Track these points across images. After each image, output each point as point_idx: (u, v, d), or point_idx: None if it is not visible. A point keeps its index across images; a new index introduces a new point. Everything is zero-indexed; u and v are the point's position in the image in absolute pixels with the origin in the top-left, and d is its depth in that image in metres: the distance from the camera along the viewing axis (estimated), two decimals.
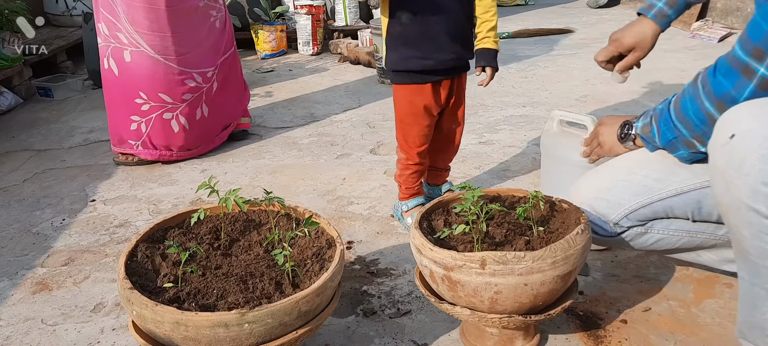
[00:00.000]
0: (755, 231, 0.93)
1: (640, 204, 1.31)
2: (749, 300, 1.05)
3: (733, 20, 4.58)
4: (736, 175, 0.92)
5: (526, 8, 6.49)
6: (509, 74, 3.78)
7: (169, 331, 1.07)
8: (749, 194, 0.91)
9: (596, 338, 1.38)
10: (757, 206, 0.91)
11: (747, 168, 0.91)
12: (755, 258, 0.98)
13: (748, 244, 0.97)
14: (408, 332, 1.44)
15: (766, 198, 0.89)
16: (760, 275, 0.99)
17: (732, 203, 0.96)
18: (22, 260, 1.86)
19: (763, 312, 1.03)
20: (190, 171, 2.52)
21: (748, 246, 0.98)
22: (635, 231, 1.35)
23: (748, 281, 1.04)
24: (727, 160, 0.95)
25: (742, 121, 0.93)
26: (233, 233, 1.35)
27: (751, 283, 1.03)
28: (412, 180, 1.91)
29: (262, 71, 4.24)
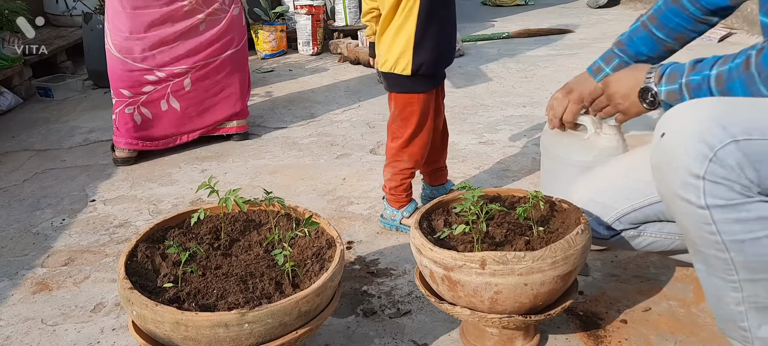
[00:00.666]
0: (693, 221, 0.98)
1: (631, 208, 1.32)
2: (712, 293, 1.07)
3: (733, 20, 4.58)
4: (668, 169, 0.98)
5: (526, 8, 6.49)
6: (509, 74, 3.78)
7: (169, 331, 1.07)
8: (680, 186, 0.97)
9: (596, 338, 1.38)
10: (688, 197, 0.96)
11: (676, 163, 0.97)
12: (702, 248, 1.01)
13: (692, 235, 1.01)
14: (408, 332, 1.44)
15: (695, 189, 0.95)
16: (712, 264, 1.01)
17: (668, 196, 1.01)
18: (22, 260, 1.86)
19: (727, 302, 1.04)
20: (190, 171, 2.52)
21: (693, 237, 1.01)
22: (628, 234, 1.36)
23: (705, 272, 1.06)
24: (659, 157, 1.01)
25: (672, 121, 0.99)
26: (233, 233, 1.35)
27: (708, 274, 1.05)
28: (408, 186, 1.90)
29: (262, 71, 4.24)
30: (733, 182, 0.92)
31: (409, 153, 1.83)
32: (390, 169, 1.87)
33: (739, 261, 0.97)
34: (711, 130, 0.93)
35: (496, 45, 4.71)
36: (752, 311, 1.01)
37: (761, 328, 1.02)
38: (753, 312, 1.01)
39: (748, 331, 1.03)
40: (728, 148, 0.91)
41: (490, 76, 3.75)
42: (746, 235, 0.95)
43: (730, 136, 0.92)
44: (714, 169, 0.93)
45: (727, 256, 0.98)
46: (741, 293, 1.00)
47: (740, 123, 0.93)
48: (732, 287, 1.01)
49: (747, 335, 1.04)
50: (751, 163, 0.91)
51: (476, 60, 4.24)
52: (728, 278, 1.00)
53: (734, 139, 0.92)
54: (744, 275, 0.98)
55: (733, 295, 1.02)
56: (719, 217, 0.95)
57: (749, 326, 1.03)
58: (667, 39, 1.49)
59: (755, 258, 0.96)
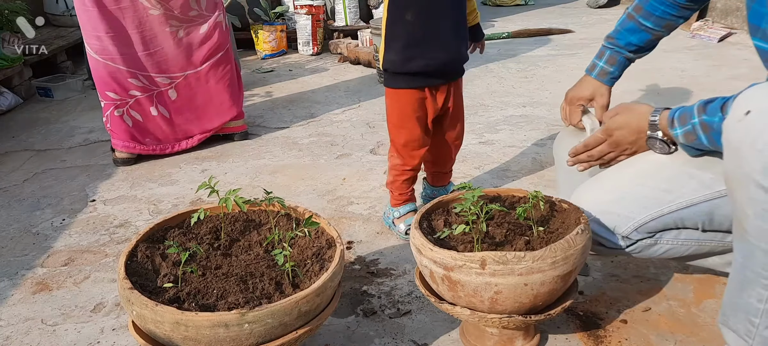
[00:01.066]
0: (759, 209, 0.93)
1: (650, 217, 1.29)
2: (738, 282, 1.05)
3: (733, 20, 4.58)
4: (750, 150, 0.92)
5: (526, 8, 6.49)
6: (509, 74, 3.78)
7: (169, 331, 1.07)
8: (760, 170, 0.91)
9: (596, 338, 1.38)
10: (764, 183, 0.91)
11: (761, 145, 0.91)
12: (753, 239, 0.98)
13: (749, 223, 0.97)
14: (408, 332, 1.44)
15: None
16: (755, 256, 0.99)
17: (741, 178, 0.96)
18: (22, 260, 1.86)
19: (750, 295, 1.03)
20: (190, 171, 2.52)
21: (748, 225, 0.98)
22: (644, 243, 1.33)
23: (741, 262, 1.04)
24: (741, 136, 0.95)
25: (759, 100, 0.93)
26: (233, 233, 1.35)
27: (743, 265, 1.03)
28: (406, 186, 1.88)
29: (262, 71, 4.24)
30: None
31: (395, 148, 1.83)
32: (388, 164, 1.90)
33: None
34: None
35: (496, 45, 4.71)
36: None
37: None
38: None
39: (755, 326, 1.03)
40: None
41: (490, 76, 3.75)
42: None
43: None
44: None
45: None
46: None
47: None
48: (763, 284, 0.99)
49: (752, 330, 1.04)
50: None
51: (476, 60, 4.23)
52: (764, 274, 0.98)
53: None
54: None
55: (761, 291, 1.00)
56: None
57: (759, 323, 1.02)
58: (655, 27, 1.49)
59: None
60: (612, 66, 1.54)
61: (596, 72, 1.55)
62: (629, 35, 1.52)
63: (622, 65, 1.55)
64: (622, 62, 1.55)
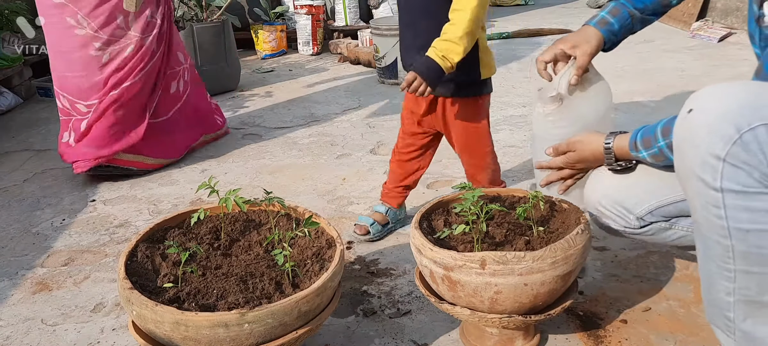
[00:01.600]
0: (703, 202, 0.97)
1: (668, 201, 1.28)
2: (706, 278, 1.06)
3: (733, 20, 4.58)
4: (689, 146, 0.97)
5: (526, 8, 6.49)
6: (509, 74, 3.78)
7: (169, 331, 1.07)
8: (699, 165, 0.95)
9: (596, 338, 1.38)
10: (705, 177, 0.95)
11: (698, 140, 0.95)
12: (705, 230, 1.00)
13: (699, 215, 1.00)
14: (408, 332, 1.44)
15: (712, 169, 0.93)
16: (711, 248, 1.01)
17: (685, 173, 1.00)
18: (22, 260, 1.86)
19: (718, 289, 1.03)
20: (190, 171, 2.52)
21: (699, 218, 1.01)
22: (658, 226, 1.32)
23: (702, 255, 1.05)
24: (683, 133, 0.99)
25: (702, 99, 0.98)
26: (233, 233, 1.35)
27: (705, 257, 1.04)
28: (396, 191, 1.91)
29: (262, 71, 4.25)
30: (754, 168, 0.90)
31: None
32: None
33: (740, 250, 0.96)
34: (741, 111, 0.90)
35: (496, 45, 4.71)
36: (741, 303, 1.01)
37: (746, 321, 1.02)
38: (741, 304, 1.01)
39: (732, 321, 1.03)
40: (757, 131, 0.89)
41: None
42: (753, 225, 0.93)
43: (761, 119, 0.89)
44: (736, 152, 0.90)
45: (728, 243, 0.97)
46: (733, 284, 1.00)
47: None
48: (726, 276, 1.01)
49: (731, 325, 1.04)
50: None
51: None
52: (724, 266, 1.00)
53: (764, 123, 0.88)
54: (741, 266, 0.98)
55: (725, 284, 1.01)
56: (731, 202, 0.93)
57: (734, 316, 1.03)
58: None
59: (757, 250, 0.95)
60: (613, 17, 1.44)
61: (596, 20, 1.45)
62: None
63: (623, 20, 1.44)
64: (625, 17, 1.44)
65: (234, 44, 3.80)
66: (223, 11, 3.74)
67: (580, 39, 1.42)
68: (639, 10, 1.44)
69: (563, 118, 1.43)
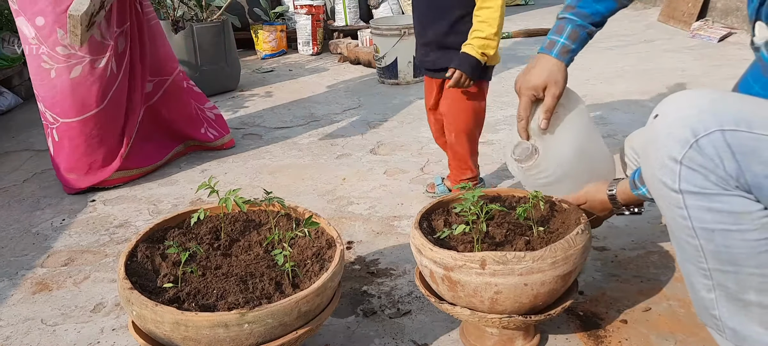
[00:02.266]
0: (667, 203, 0.99)
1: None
2: (687, 278, 1.07)
3: (733, 20, 4.58)
4: (651, 149, 0.99)
5: (526, 8, 6.49)
6: (509, 74, 3.78)
7: (169, 331, 1.07)
8: (659, 168, 0.97)
9: (596, 338, 1.38)
10: (665, 179, 0.97)
11: (658, 144, 0.97)
12: (675, 231, 1.02)
13: (666, 216, 1.02)
14: (408, 332, 1.44)
15: (671, 172, 0.95)
16: (684, 249, 1.02)
17: (648, 177, 1.02)
18: (22, 260, 1.86)
19: (699, 289, 1.04)
20: (190, 171, 2.52)
21: (667, 219, 1.02)
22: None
23: (679, 257, 1.06)
24: (647, 136, 1.02)
25: (667, 105, 1.00)
26: (233, 233, 1.35)
27: (682, 259, 1.05)
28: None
29: (262, 71, 4.25)
30: (710, 171, 0.93)
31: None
32: None
33: (709, 250, 0.98)
34: (700, 116, 0.93)
35: None
36: (723, 299, 1.02)
37: (732, 319, 1.02)
38: (724, 301, 1.02)
39: (719, 319, 1.04)
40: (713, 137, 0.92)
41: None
42: (717, 225, 0.95)
43: (718, 124, 0.92)
44: (692, 155, 0.93)
45: (697, 242, 0.98)
46: (711, 281, 1.01)
47: (733, 113, 0.93)
48: (702, 274, 1.02)
49: (719, 324, 1.04)
50: (733, 154, 0.91)
51: None
52: (699, 265, 1.01)
53: (721, 129, 0.92)
54: (713, 265, 0.99)
55: (704, 282, 1.02)
56: (692, 203, 0.96)
57: (720, 314, 1.03)
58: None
59: (725, 250, 0.96)
60: (574, 42, 1.37)
61: (557, 50, 1.36)
62: (595, 3, 1.36)
63: (582, 42, 1.39)
64: (584, 38, 1.39)
65: (234, 44, 3.80)
66: (223, 11, 3.74)
67: (548, 80, 1.35)
68: (596, 26, 1.39)
69: (544, 168, 1.39)
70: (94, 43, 2.22)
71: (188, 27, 3.52)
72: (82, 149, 2.29)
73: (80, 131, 2.27)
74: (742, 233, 0.94)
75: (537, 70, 1.36)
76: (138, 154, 2.46)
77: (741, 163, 0.92)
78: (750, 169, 0.91)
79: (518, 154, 1.39)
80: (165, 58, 2.57)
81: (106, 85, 2.28)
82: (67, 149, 2.30)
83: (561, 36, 1.36)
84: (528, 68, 1.38)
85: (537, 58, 1.38)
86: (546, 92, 1.35)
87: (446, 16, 1.85)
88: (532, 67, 1.37)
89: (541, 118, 1.36)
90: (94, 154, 2.31)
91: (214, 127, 2.73)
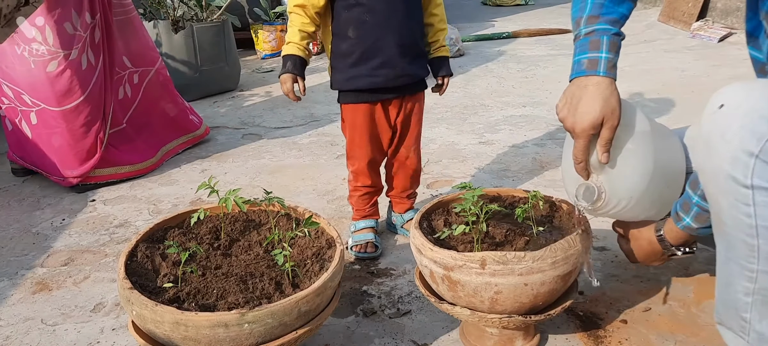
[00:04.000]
0: (732, 200, 0.95)
1: None
2: (724, 277, 1.05)
3: (733, 20, 4.58)
4: (720, 141, 0.95)
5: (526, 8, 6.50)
6: (509, 74, 3.78)
7: (168, 331, 1.07)
8: (730, 161, 0.93)
9: (596, 338, 1.38)
10: (736, 174, 0.93)
11: (730, 136, 0.93)
12: (731, 229, 0.99)
13: (725, 215, 0.99)
14: (408, 332, 1.44)
15: (744, 166, 0.92)
16: (735, 248, 0.99)
17: (713, 170, 0.98)
18: (22, 260, 1.86)
19: (737, 290, 1.02)
20: (190, 171, 2.52)
21: (725, 217, 0.99)
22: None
23: (724, 255, 1.04)
24: (712, 128, 0.97)
25: (732, 95, 0.96)
26: (233, 233, 1.35)
27: (726, 258, 1.03)
28: (363, 202, 1.83)
29: (262, 71, 4.25)
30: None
31: (349, 163, 1.80)
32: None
33: (766, 250, 0.95)
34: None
35: (496, 45, 4.71)
36: (759, 303, 1.00)
37: (762, 322, 1.01)
38: (759, 305, 1.00)
39: (747, 322, 1.03)
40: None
41: (490, 76, 3.75)
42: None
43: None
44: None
45: (755, 242, 0.95)
46: (754, 285, 0.99)
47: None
48: (748, 276, 0.99)
49: (745, 326, 1.03)
50: None
51: (476, 60, 4.24)
52: (747, 265, 0.98)
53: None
54: (764, 266, 0.96)
55: (746, 284, 1.00)
56: (761, 199, 0.92)
57: (750, 318, 1.02)
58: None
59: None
60: (616, 54, 1.20)
61: (603, 67, 1.17)
62: (617, 5, 1.22)
63: (618, 50, 1.22)
64: (619, 47, 1.22)
65: (234, 44, 3.80)
66: (223, 11, 3.74)
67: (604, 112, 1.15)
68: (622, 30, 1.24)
69: (615, 203, 1.24)
70: (65, 36, 2.23)
71: (188, 27, 3.52)
72: (67, 139, 2.31)
73: (64, 120, 2.29)
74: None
75: (588, 102, 1.16)
76: (129, 150, 2.49)
77: None
78: None
79: (583, 197, 1.24)
80: (146, 48, 2.61)
81: (84, 77, 2.30)
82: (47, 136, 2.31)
83: (601, 51, 1.18)
84: (573, 100, 1.18)
85: (581, 86, 1.17)
86: (604, 125, 1.16)
87: (415, 15, 1.68)
88: (580, 99, 1.17)
89: (601, 153, 1.18)
90: (79, 144, 2.32)
91: (194, 113, 2.83)
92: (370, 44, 1.63)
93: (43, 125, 2.30)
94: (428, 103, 1.98)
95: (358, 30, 1.62)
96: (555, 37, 4.87)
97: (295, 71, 1.65)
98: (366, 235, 1.78)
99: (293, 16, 1.64)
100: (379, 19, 1.61)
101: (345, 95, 1.71)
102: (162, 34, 3.48)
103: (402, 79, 1.68)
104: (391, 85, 1.67)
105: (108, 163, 2.39)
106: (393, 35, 1.63)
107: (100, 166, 2.36)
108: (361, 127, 1.72)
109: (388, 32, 1.62)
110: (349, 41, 1.64)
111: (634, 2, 1.27)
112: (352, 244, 1.79)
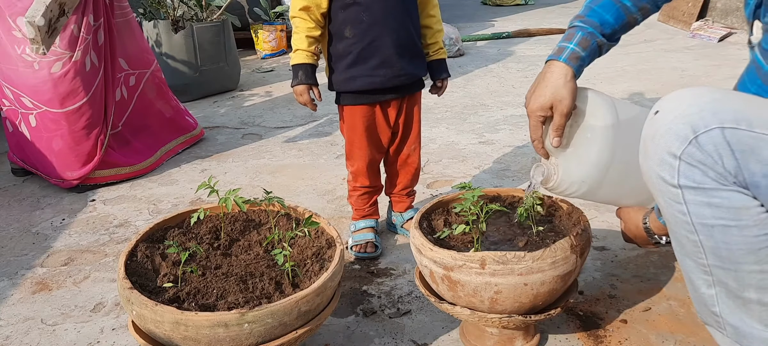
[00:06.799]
0: (668, 199, 0.99)
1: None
2: (686, 275, 1.07)
3: (733, 20, 4.58)
4: (651, 144, 1.00)
5: (526, 8, 6.50)
6: (509, 74, 3.78)
7: (168, 331, 1.07)
8: (658, 163, 0.98)
9: (596, 338, 1.38)
10: (663, 174, 0.98)
11: (658, 138, 0.98)
12: (674, 226, 1.02)
13: (666, 213, 1.02)
14: (408, 332, 1.44)
15: (670, 167, 0.96)
16: (683, 244, 1.02)
17: (647, 172, 1.03)
18: (22, 260, 1.86)
19: (699, 285, 1.04)
20: (190, 171, 2.52)
21: (667, 215, 1.03)
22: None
23: (678, 252, 1.06)
24: (646, 132, 1.02)
25: (668, 101, 1.01)
26: (233, 233, 1.35)
27: (681, 254, 1.05)
28: (362, 202, 1.82)
29: (262, 71, 4.25)
30: (709, 167, 0.93)
31: (348, 163, 1.79)
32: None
33: (709, 246, 0.98)
34: (700, 113, 0.94)
35: (496, 45, 4.71)
36: (724, 296, 1.02)
37: (733, 315, 1.02)
38: (724, 298, 1.02)
39: (720, 316, 1.04)
40: (712, 134, 0.92)
41: (490, 76, 3.74)
42: (716, 221, 0.95)
43: (718, 122, 0.93)
44: (692, 151, 0.94)
45: (696, 238, 0.99)
46: (711, 277, 1.01)
47: (733, 112, 0.93)
48: (702, 270, 1.02)
49: (719, 321, 1.05)
50: (732, 152, 0.92)
51: (476, 60, 4.24)
52: (698, 261, 1.01)
53: (721, 126, 0.92)
54: (713, 261, 0.99)
55: (704, 278, 1.03)
56: (690, 198, 0.96)
57: (720, 311, 1.03)
58: (633, 8, 1.30)
59: (724, 246, 0.96)
60: (584, 50, 1.27)
61: (566, 55, 1.26)
62: (604, 12, 1.28)
63: (593, 53, 1.29)
64: (594, 49, 1.28)
65: (234, 44, 3.80)
66: (223, 11, 3.73)
67: (553, 98, 1.24)
68: (606, 37, 1.29)
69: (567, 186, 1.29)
70: (71, 37, 2.25)
71: (188, 27, 3.52)
72: (68, 141, 2.31)
73: (65, 122, 2.29)
74: (741, 229, 0.94)
75: (542, 86, 1.26)
76: (128, 151, 2.48)
77: (740, 161, 0.92)
78: (748, 167, 0.92)
79: (535, 175, 1.30)
80: (142, 50, 2.62)
81: (88, 78, 2.30)
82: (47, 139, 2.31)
83: (570, 42, 1.27)
84: (536, 82, 1.29)
85: (545, 69, 1.28)
86: (553, 111, 1.25)
87: (412, 14, 1.68)
88: (538, 83, 1.27)
89: (552, 137, 1.26)
90: (80, 146, 2.32)
91: (189, 115, 2.84)
92: (368, 44, 1.62)
93: (43, 128, 2.30)
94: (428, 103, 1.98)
95: (355, 30, 1.62)
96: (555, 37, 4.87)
97: (308, 81, 1.66)
98: (366, 235, 1.78)
99: (298, 22, 1.64)
100: (376, 19, 1.61)
101: (344, 97, 1.71)
102: (162, 33, 3.48)
103: (400, 79, 1.67)
104: (390, 84, 1.67)
105: (108, 165, 2.39)
106: (390, 35, 1.62)
107: (100, 168, 2.36)
108: (361, 128, 1.72)
109: (386, 32, 1.62)
110: (346, 41, 1.64)
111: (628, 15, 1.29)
112: (352, 244, 1.79)
